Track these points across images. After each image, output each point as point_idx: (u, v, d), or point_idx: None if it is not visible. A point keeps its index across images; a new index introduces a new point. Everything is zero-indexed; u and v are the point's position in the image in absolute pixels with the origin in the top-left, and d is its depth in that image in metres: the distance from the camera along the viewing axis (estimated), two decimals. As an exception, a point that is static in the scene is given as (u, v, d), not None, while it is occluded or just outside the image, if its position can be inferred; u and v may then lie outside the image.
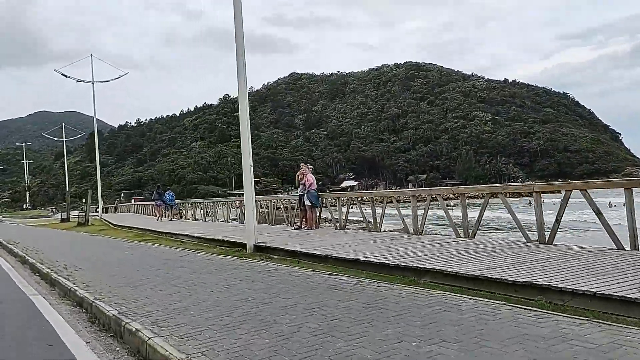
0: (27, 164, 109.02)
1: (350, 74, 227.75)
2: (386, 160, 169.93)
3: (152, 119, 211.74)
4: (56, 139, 76.91)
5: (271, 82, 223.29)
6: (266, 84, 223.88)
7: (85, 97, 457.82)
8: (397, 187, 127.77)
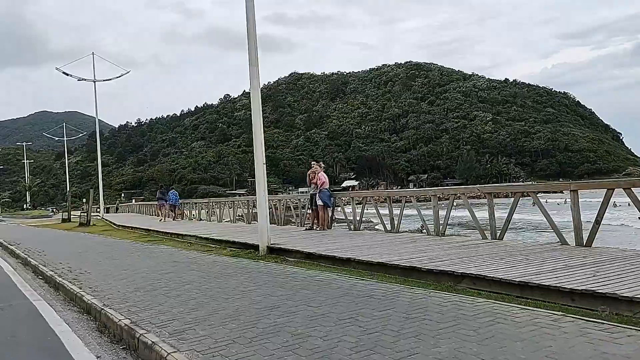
0: (27, 163, 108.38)
1: (350, 73, 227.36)
2: (387, 160, 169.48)
3: (152, 119, 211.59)
4: (57, 138, 76.46)
5: (272, 81, 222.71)
6: (267, 83, 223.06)
7: (85, 97, 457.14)
8: (398, 187, 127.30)
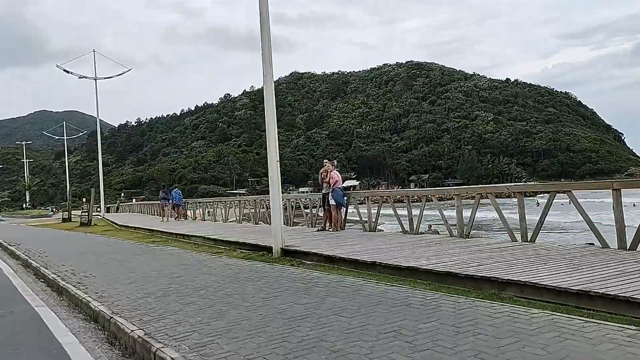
0: (27, 163, 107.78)
1: (351, 73, 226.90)
2: (388, 160, 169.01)
3: (152, 118, 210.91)
4: (57, 137, 75.89)
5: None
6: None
7: (85, 97, 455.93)
8: (399, 187, 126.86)
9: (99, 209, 41.56)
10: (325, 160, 13.32)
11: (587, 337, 3.66)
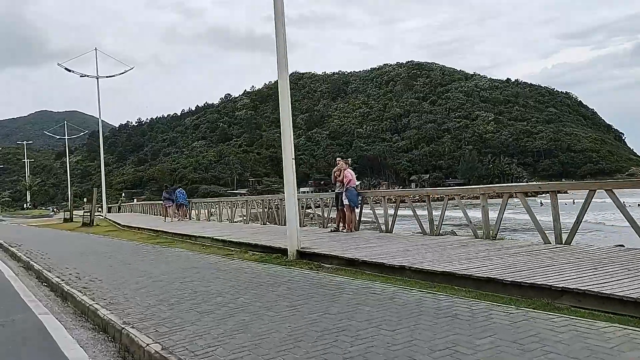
0: (27, 162, 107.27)
1: (352, 73, 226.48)
2: (388, 160, 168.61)
3: (153, 118, 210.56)
4: (58, 137, 75.39)
5: (272, 81, 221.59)
6: (267, 83, 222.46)
7: (85, 97, 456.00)
8: (400, 187, 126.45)
9: (100, 209, 41.09)
10: (338, 158, 12.80)
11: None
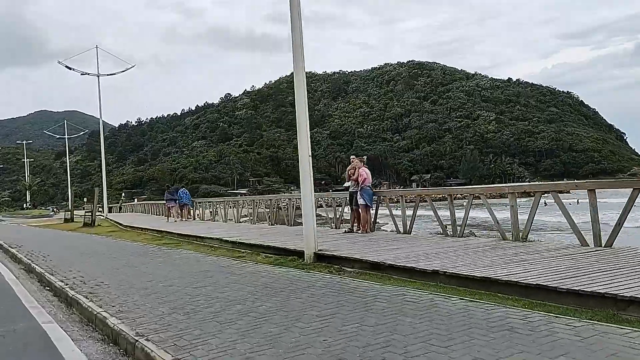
0: (27, 162, 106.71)
1: (352, 73, 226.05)
2: (389, 159, 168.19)
3: (152, 118, 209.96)
4: (57, 136, 74.88)
5: (273, 81, 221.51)
6: (268, 83, 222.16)
7: (85, 97, 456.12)
8: (401, 187, 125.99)
9: (100, 209, 40.59)
10: (352, 156, 12.30)
11: None
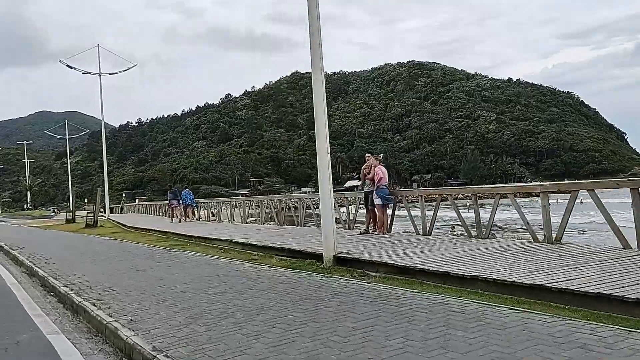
0: (28, 163, 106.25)
1: (352, 73, 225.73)
2: (390, 159, 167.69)
3: (153, 118, 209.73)
4: (58, 136, 74.43)
5: (273, 81, 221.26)
6: (268, 83, 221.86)
7: (86, 97, 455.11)
8: (402, 187, 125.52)
9: (102, 210, 40.10)
10: (367, 154, 11.82)
11: None
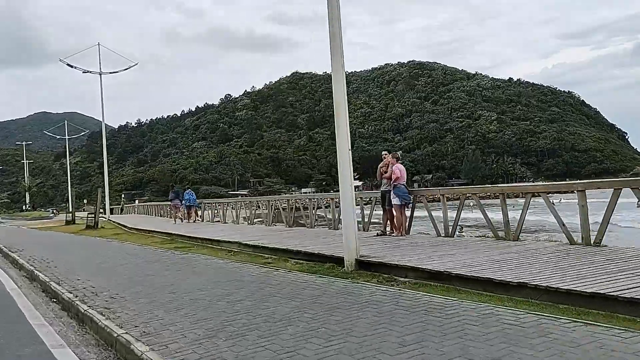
0: (27, 163, 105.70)
1: (353, 73, 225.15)
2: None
3: (152, 119, 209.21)
4: (58, 137, 73.98)
5: (273, 81, 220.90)
6: (268, 83, 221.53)
7: (85, 98, 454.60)
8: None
9: (102, 211, 39.60)
10: (384, 152, 11.27)
11: None
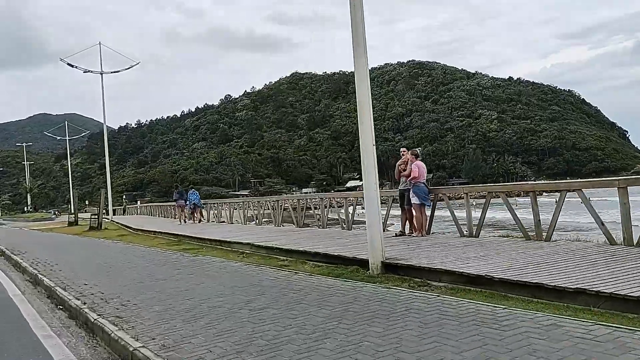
0: (27, 165, 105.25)
1: (352, 73, 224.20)
2: (391, 159, 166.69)
3: (152, 120, 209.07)
4: (58, 138, 73.58)
5: (273, 82, 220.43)
6: (268, 83, 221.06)
7: (85, 100, 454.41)
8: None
9: (105, 212, 39.15)
10: (402, 149, 10.75)
11: None
